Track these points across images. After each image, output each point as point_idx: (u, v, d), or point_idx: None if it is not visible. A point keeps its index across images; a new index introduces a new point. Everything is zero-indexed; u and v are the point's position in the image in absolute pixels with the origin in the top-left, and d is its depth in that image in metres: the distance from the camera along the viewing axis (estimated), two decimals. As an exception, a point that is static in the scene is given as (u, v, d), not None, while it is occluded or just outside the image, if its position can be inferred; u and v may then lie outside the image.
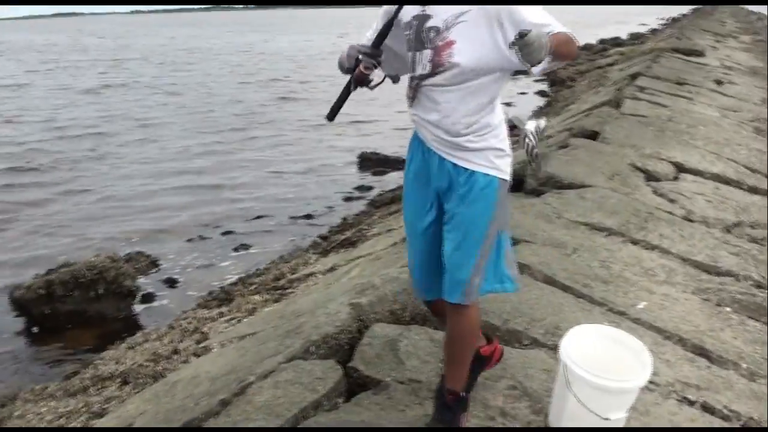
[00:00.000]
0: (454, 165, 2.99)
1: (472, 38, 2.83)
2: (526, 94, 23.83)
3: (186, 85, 30.05)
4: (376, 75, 3.09)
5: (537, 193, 6.08)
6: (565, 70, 26.60)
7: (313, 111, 20.53)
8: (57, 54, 56.08)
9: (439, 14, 2.90)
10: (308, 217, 10.64)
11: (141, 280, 8.21)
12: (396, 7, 3.03)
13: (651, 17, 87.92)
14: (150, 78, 33.50)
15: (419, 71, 2.96)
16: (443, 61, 2.87)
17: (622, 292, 4.20)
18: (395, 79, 3.30)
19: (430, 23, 2.91)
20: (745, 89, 13.75)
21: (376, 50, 3.02)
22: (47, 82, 32.58)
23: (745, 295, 4.39)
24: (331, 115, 3.11)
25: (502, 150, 3.02)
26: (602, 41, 42.53)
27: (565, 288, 4.21)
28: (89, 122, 19.97)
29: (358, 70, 3.08)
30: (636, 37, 43.78)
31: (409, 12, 2.99)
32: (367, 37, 3.20)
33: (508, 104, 21.13)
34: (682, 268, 4.73)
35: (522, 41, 2.48)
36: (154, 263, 8.82)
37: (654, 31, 48.22)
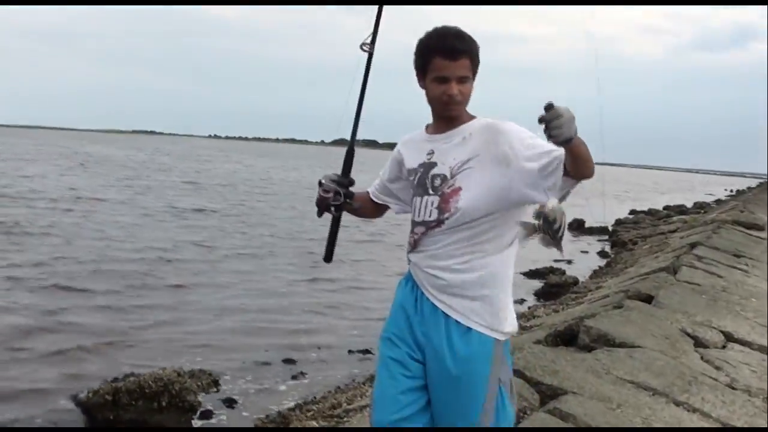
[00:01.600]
0: (447, 316, 2.98)
1: (478, 183, 2.91)
2: (587, 254, 24.07)
3: (268, 215, 30.48)
4: (336, 199, 3.13)
5: (589, 348, 6.35)
6: (627, 232, 26.97)
7: (392, 255, 20.74)
8: (142, 171, 57.49)
9: (446, 162, 3.01)
10: (366, 352, 10.91)
11: (201, 397, 8.50)
12: (398, 151, 3.27)
13: (718, 187, 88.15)
14: (229, 205, 33.87)
15: (423, 217, 3.03)
16: (450, 208, 2.93)
17: (661, 449, 4.46)
18: (353, 208, 3.25)
19: (435, 170, 3.03)
20: (803, 267, 13.93)
21: (340, 177, 3.17)
22: (131, 198, 33.40)
23: (779, 462, 4.61)
24: (328, 256, 3.31)
25: (503, 306, 3.03)
26: (667, 207, 42.88)
27: (607, 440, 4.46)
28: (164, 245, 20.38)
29: (319, 193, 3.16)
30: (700, 207, 44.11)
31: (414, 159, 3.13)
32: (379, 178, 3.41)
33: (569, 262, 21.35)
34: None
35: (552, 112, 2.46)
36: (215, 382, 9.08)
37: (719, 202, 48.46)
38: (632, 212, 41.12)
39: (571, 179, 2.75)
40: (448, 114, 3.02)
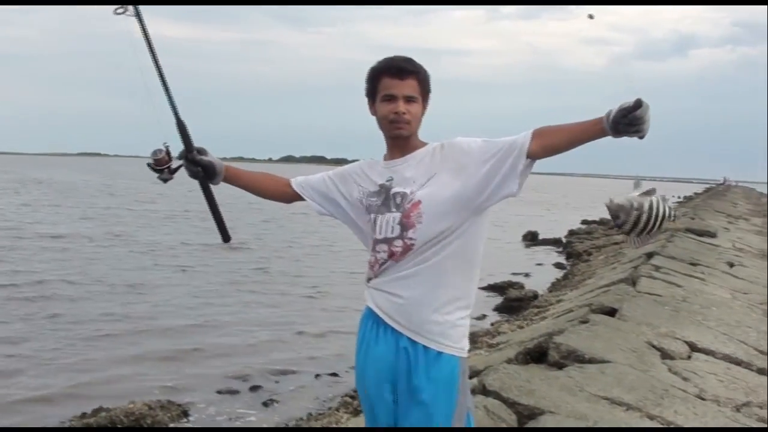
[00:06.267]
0: (413, 342, 2.99)
1: (438, 194, 2.95)
2: (543, 266, 24.25)
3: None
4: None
5: (559, 365, 6.45)
6: (581, 243, 27.21)
7: (345, 265, 20.85)
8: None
9: (405, 183, 3.04)
10: (334, 375, 10.90)
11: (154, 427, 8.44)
12: (356, 172, 3.27)
13: (666, 194, 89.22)
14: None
15: (385, 234, 3.03)
16: (412, 222, 2.95)
17: (640, 464, 4.55)
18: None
19: (395, 190, 3.05)
20: (756, 272, 14.19)
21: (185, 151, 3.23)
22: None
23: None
24: (224, 236, 3.39)
25: (466, 324, 3.08)
26: (618, 216, 43.09)
27: (588, 458, 4.55)
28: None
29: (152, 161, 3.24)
30: (651, 214, 44.50)
31: (373, 182, 3.15)
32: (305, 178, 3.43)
33: (526, 275, 21.49)
34: (695, 444, 5.08)
35: (644, 108, 2.53)
36: (185, 413, 9.01)
37: (668, 209, 48.98)
38: (584, 222, 41.43)
39: (533, 161, 2.89)
40: (397, 134, 3.07)
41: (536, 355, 6.85)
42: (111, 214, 38.90)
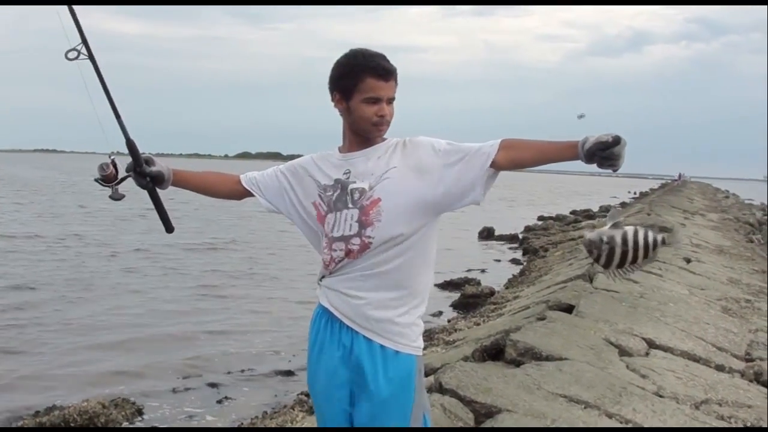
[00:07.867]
0: (369, 341, 2.94)
1: (397, 192, 2.88)
2: (499, 262, 24.28)
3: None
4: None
5: (517, 363, 6.39)
6: (538, 239, 27.27)
7: (302, 263, 20.79)
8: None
9: (364, 178, 2.96)
10: (289, 373, 10.79)
11: (127, 427, 8.32)
12: (308, 165, 3.19)
13: (622, 190, 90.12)
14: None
15: (343, 231, 2.95)
16: (371, 220, 2.89)
17: (599, 463, 4.49)
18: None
19: (353, 186, 2.97)
20: (713, 268, 14.26)
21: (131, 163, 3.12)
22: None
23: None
24: (167, 228, 3.28)
25: (421, 323, 3.05)
26: (574, 212, 43.51)
27: (546, 457, 4.48)
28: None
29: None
30: (607, 210, 44.86)
31: (329, 175, 3.06)
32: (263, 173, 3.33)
33: (483, 271, 21.48)
34: (654, 442, 5.04)
35: (621, 145, 2.56)
36: (139, 411, 8.87)
37: (624, 204, 49.40)
38: (540, 218, 41.68)
39: (497, 171, 2.86)
40: (376, 135, 3.00)
41: (493, 353, 6.79)
42: (70, 213, 38.47)
